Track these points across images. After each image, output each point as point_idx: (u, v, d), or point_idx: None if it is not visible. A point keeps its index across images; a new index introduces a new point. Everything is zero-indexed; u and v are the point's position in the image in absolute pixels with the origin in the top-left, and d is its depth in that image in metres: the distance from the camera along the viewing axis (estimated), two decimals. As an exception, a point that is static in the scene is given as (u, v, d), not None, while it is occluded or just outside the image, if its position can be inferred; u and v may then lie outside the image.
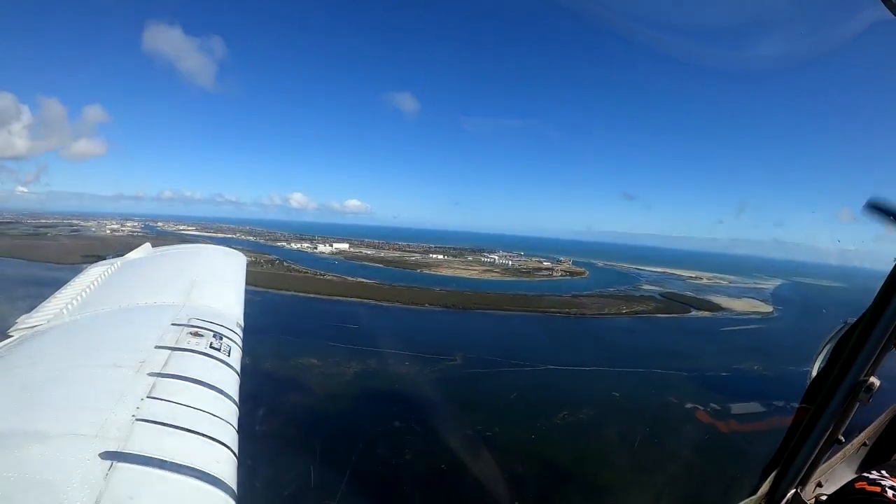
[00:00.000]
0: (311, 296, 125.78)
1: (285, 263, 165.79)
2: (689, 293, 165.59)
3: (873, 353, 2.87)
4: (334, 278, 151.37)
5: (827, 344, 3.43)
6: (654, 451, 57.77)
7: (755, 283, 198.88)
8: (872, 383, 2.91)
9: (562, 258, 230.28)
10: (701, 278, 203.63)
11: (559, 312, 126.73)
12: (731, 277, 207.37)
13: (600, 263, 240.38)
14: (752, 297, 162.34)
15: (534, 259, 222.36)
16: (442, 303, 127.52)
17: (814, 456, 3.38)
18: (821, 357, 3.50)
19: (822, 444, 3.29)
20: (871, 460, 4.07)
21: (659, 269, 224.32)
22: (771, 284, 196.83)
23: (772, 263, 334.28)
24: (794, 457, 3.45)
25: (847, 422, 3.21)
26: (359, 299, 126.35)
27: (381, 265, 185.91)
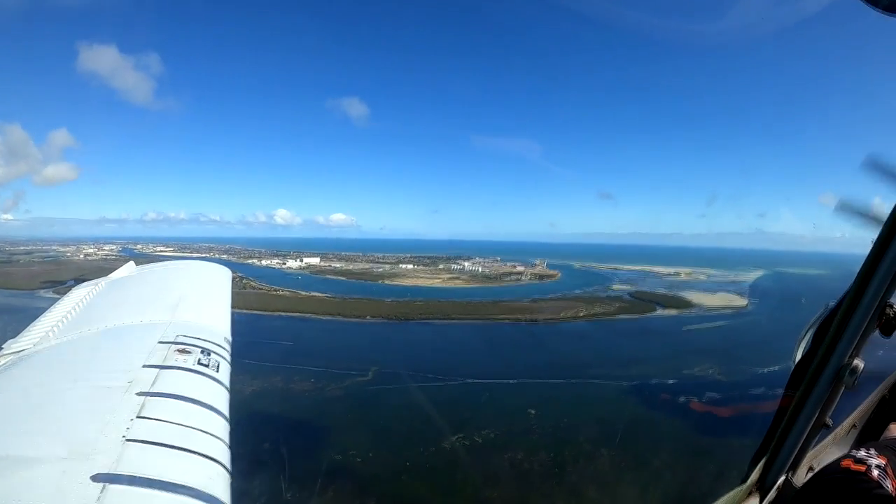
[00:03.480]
0: (255, 312, 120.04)
1: (244, 280, 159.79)
2: (661, 290, 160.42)
3: (856, 336, 2.85)
4: (287, 293, 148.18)
5: (810, 328, 3.34)
6: (546, 486, 50.82)
7: (735, 275, 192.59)
8: (857, 366, 2.88)
9: (536, 261, 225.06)
10: (679, 274, 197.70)
11: (509, 319, 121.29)
12: (712, 271, 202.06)
13: (577, 265, 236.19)
14: (729, 291, 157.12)
15: (508, 264, 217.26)
16: (385, 314, 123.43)
17: (802, 441, 3.35)
18: (804, 342, 3.39)
19: (809, 429, 3.26)
20: (862, 442, 4.11)
21: (637, 268, 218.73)
22: (751, 276, 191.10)
23: (756, 255, 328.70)
24: (782, 443, 3.41)
25: (833, 406, 3.18)
26: (301, 314, 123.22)
27: (343, 278, 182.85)
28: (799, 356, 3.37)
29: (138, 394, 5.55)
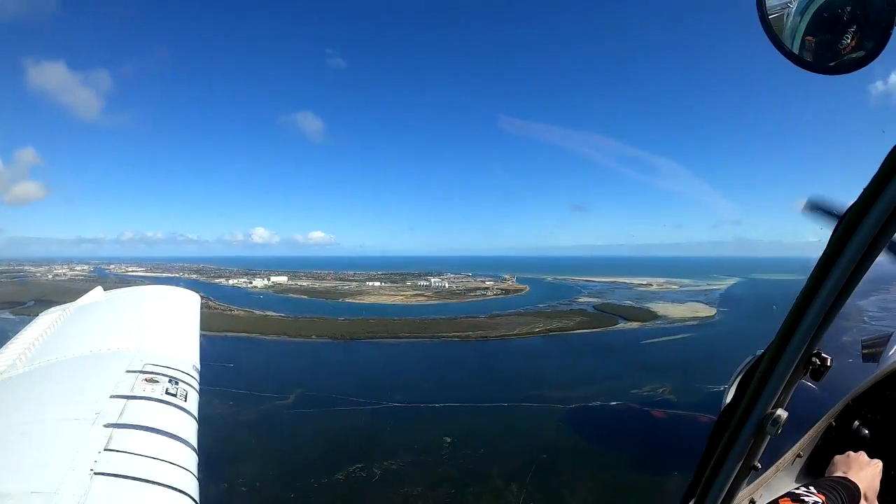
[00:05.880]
0: (202, 333, 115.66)
1: (202, 300, 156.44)
2: (628, 302, 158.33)
3: (779, 387, 2.72)
4: (241, 313, 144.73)
5: (738, 376, 3.37)
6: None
7: (708, 284, 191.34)
8: (779, 416, 2.76)
9: (506, 276, 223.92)
10: (651, 285, 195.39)
11: (459, 337, 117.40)
12: (685, 281, 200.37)
13: (550, 278, 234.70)
14: (698, 301, 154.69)
15: (478, 279, 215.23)
16: (333, 334, 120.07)
17: (730, 484, 3.15)
18: (733, 388, 3.34)
19: (736, 472, 3.06)
20: (807, 471, 4.23)
21: (610, 279, 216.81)
22: (724, 284, 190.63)
23: (734, 262, 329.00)
24: (710, 486, 3.19)
25: (760, 452, 2.99)
26: (249, 334, 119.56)
27: (306, 296, 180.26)
28: (729, 398, 3.16)
29: (106, 425, 5.41)
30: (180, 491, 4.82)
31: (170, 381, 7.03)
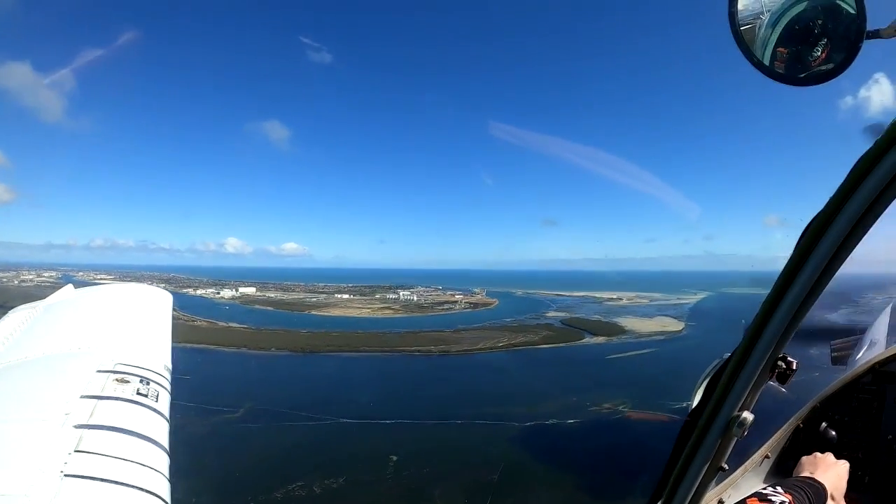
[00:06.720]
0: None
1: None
2: (595, 317, 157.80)
3: (745, 389, 2.79)
4: (203, 324, 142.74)
5: (705, 378, 3.19)
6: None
7: (678, 298, 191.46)
8: (745, 419, 2.82)
9: (476, 290, 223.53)
10: (621, 299, 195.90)
11: (421, 351, 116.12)
12: (655, 295, 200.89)
13: (520, 292, 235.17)
14: (667, 315, 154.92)
15: (448, 293, 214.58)
16: (293, 346, 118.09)
17: (697, 485, 3.21)
18: (700, 390, 3.21)
19: (704, 473, 3.13)
20: (775, 472, 4.41)
21: (580, 294, 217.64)
22: (694, 299, 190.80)
23: (705, 277, 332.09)
24: (677, 487, 3.24)
25: (727, 452, 3.06)
26: (207, 345, 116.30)
27: (272, 308, 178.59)
28: (696, 402, 3.18)
29: (76, 426, 4.75)
30: (151, 493, 4.26)
31: (141, 382, 5.88)
